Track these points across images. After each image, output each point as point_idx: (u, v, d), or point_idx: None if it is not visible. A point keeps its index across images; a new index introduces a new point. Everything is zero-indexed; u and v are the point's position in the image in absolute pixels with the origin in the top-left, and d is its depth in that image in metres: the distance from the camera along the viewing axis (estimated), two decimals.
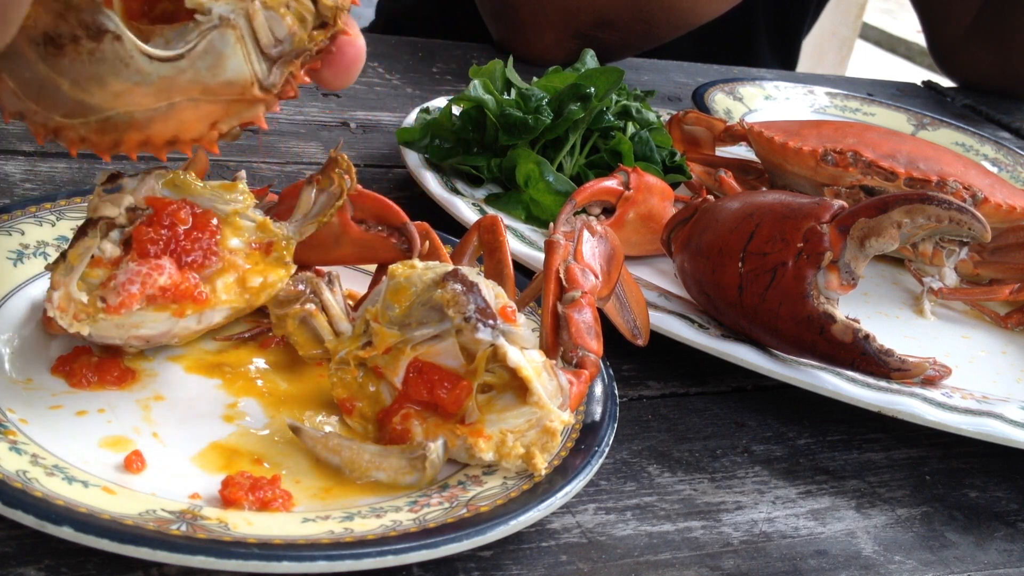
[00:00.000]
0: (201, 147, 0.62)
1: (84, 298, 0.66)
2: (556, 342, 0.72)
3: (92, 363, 0.70)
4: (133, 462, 0.63)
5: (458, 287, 0.66)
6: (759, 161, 1.19)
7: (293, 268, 0.75)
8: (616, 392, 0.75)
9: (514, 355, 0.65)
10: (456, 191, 1.02)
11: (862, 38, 5.73)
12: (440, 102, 1.18)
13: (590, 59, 1.21)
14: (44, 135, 0.59)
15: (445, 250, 0.81)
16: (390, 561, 0.57)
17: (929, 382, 0.85)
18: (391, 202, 0.80)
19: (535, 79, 1.13)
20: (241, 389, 0.72)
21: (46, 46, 0.54)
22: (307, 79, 0.63)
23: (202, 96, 0.58)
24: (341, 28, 0.61)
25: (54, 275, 0.66)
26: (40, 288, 0.75)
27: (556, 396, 0.67)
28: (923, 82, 1.99)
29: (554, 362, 0.69)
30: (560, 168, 1.06)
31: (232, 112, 0.60)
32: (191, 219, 0.68)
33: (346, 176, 0.74)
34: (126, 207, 0.67)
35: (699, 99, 1.48)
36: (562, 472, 0.66)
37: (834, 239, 0.80)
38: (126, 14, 0.59)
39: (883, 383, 0.83)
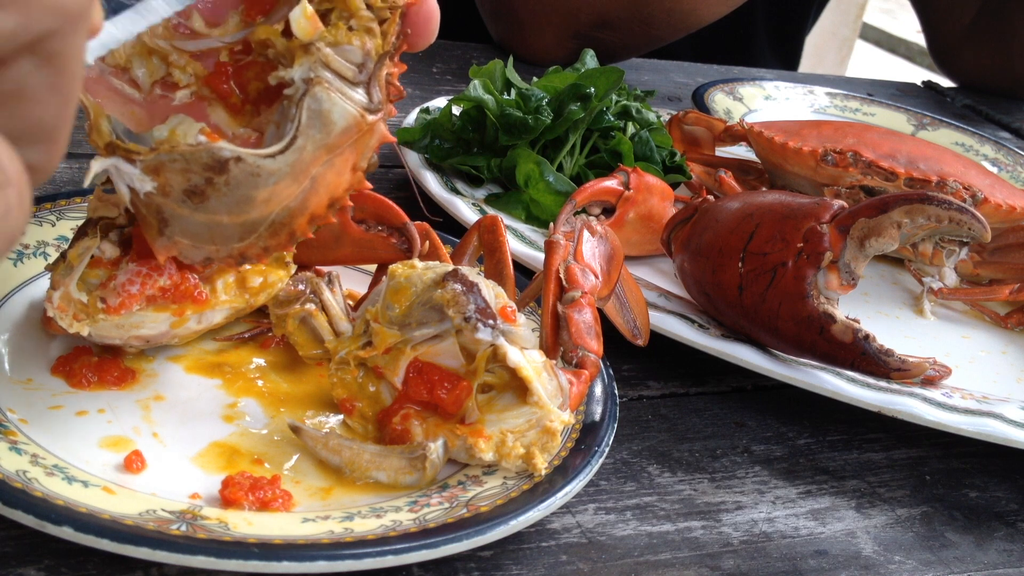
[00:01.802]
0: None
1: (84, 298, 0.66)
2: (556, 342, 0.72)
3: (92, 363, 0.70)
4: (133, 462, 0.63)
5: (458, 287, 0.66)
6: (759, 161, 1.19)
7: (293, 268, 0.75)
8: (616, 392, 0.75)
9: (514, 355, 0.65)
10: (456, 191, 1.02)
11: (862, 38, 5.73)
12: (440, 102, 1.18)
13: (590, 59, 1.21)
14: (235, 263, 0.63)
15: (445, 250, 0.81)
16: (390, 561, 0.57)
17: (929, 382, 0.85)
18: (391, 202, 0.80)
19: (535, 79, 1.13)
20: (241, 389, 0.72)
21: (191, 199, 0.58)
22: (403, 67, 0.64)
23: (331, 155, 0.60)
24: (404, 5, 0.62)
25: (54, 275, 0.66)
26: (40, 288, 0.75)
27: (556, 396, 0.67)
28: (923, 82, 1.99)
29: (554, 362, 0.69)
30: (560, 168, 1.06)
31: (362, 148, 0.62)
32: None
33: None
34: (126, 207, 0.67)
35: (699, 99, 1.48)
36: (562, 472, 0.66)
37: (834, 239, 0.80)
38: (230, 111, 0.62)
39: (883, 383, 0.83)
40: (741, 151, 1.25)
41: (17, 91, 0.36)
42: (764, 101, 1.57)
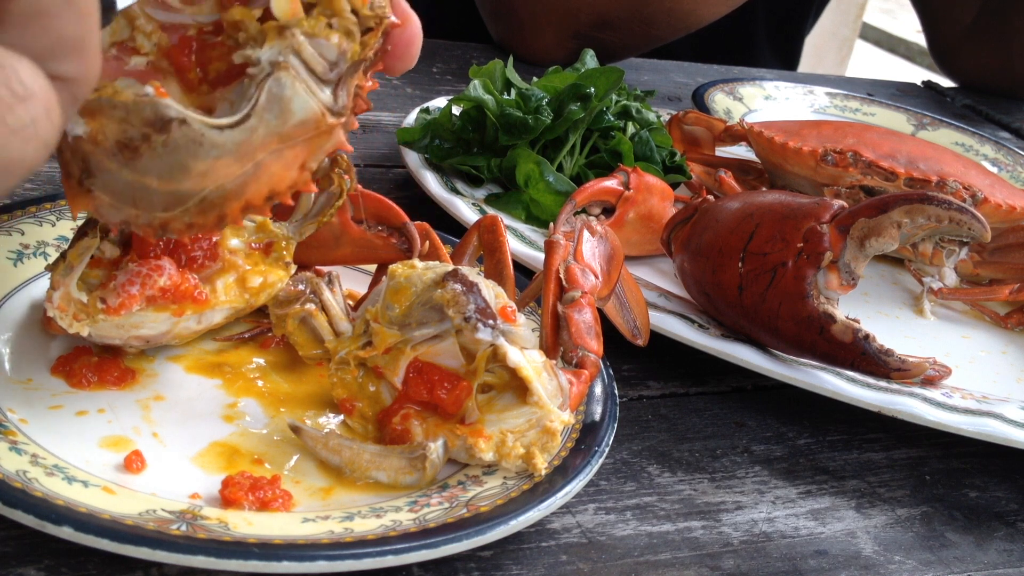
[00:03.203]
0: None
1: (84, 298, 0.66)
2: (556, 342, 0.72)
3: (92, 363, 0.70)
4: (133, 462, 0.63)
5: (458, 287, 0.66)
6: (759, 161, 1.19)
7: (293, 268, 0.75)
8: (616, 392, 0.75)
9: (514, 355, 0.65)
10: (456, 191, 1.02)
11: (862, 38, 5.73)
12: (440, 102, 1.18)
13: (590, 59, 1.21)
14: (154, 233, 0.59)
15: (445, 250, 0.81)
16: (390, 561, 0.57)
17: (929, 382, 0.85)
18: (391, 202, 0.80)
19: (535, 79, 1.13)
20: (241, 389, 0.72)
21: (122, 153, 0.55)
22: (374, 85, 0.62)
23: (282, 145, 0.57)
24: (389, 23, 0.60)
25: (54, 275, 0.66)
26: (40, 288, 0.75)
27: (556, 396, 0.67)
28: (923, 82, 1.99)
29: (554, 362, 0.69)
30: (560, 168, 1.06)
31: (315, 148, 0.59)
32: None
33: (346, 176, 0.74)
34: None
35: (699, 99, 1.48)
36: (562, 472, 0.66)
37: (834, 239, 0.80)
38: (185, 87, 0.59)
39: (883, 383, 0.83)
40: (741, 151, 1.25)
41: (35, 11, 0.39)
42: (764, 101, 1.57)
